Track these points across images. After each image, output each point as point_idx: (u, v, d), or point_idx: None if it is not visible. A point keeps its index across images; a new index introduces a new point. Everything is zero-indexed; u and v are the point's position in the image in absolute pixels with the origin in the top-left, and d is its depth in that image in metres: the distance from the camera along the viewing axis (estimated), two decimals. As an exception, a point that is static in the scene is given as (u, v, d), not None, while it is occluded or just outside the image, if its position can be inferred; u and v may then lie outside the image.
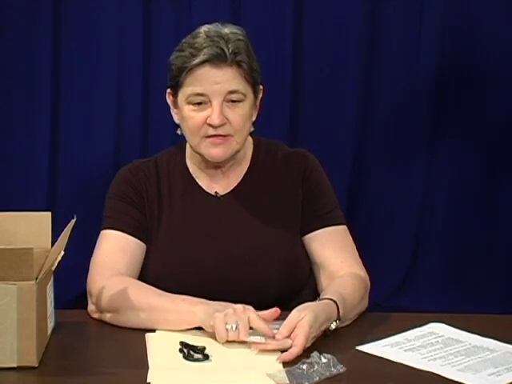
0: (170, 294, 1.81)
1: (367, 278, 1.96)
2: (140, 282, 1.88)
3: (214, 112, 1.87)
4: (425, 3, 3.14)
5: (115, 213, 1.98)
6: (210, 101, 1.88)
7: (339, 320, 1.75)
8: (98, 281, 1.87)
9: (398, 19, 3.14)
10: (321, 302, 1.76)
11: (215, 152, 1.92)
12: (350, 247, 2.00)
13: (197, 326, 1.72)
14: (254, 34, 1.97)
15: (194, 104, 1.90)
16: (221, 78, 1.87)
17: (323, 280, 1.95)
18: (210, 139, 1.90)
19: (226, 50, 1.86)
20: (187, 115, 1.91)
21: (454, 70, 3.16)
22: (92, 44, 3.11)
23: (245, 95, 1.90)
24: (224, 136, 1.90)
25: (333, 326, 1.73)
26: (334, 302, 1.75)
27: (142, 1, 3.10)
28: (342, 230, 2.01)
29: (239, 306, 1.67)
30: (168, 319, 1.75)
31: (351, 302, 1.82)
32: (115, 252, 1.92)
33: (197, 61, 1.86)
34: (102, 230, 1.97)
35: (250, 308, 1.68)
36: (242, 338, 1.63)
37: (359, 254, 2.00)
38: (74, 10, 3.09)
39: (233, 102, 1.89)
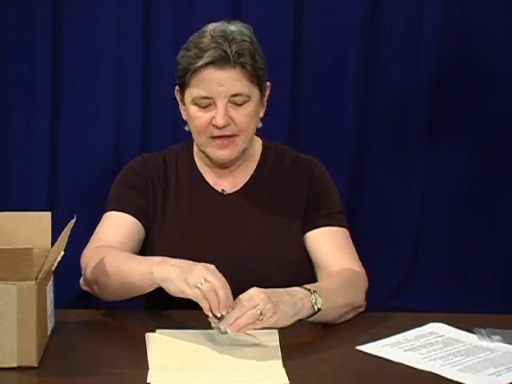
0: (138, 257, 1.81)
1: (365, 276, 1.94)
2: (116, 249, 1.87)
3: (218, 113, 1.89)
4: (425, 3, 3.13)
5: (117, 197, 2.01)
6: (214, 102, 1.89)
7: (315, 292, 1.71)
8: (86, 253, 1.90)
9: (398, 19, 3.14)
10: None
11: (221, 154, 1.95)
12: (349, 247, 1.99)
13: (158, 286, 1.68)
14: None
15: (199, 105, 1.91)
16: (225, 79, 1.88)
17: (321, 278, 1.94)
18: (217, 142, 1.92)
19: (228, 52, 1.87)
20: (193, 115, 1.93)
21: (454, 70, 3.16)
22: (92, 44, 3.10)
23: (249, 96, 1.92)
24: (230, 136, 1.92)
25: (313, 298, 1.70)
26: (303, 288, 1.73)
27: (141, 0, 3.09)
28: (343, 231, 2.01)
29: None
30: (132, 282, 1.74)
31: (331, 288, 1.78)
32: (110, 228, 1.95)
33: (201, 63, 1.88)
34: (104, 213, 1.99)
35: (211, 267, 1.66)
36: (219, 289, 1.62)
37: (360, 254, 2.00)
38: (74, 10, 3.08)
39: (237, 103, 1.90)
